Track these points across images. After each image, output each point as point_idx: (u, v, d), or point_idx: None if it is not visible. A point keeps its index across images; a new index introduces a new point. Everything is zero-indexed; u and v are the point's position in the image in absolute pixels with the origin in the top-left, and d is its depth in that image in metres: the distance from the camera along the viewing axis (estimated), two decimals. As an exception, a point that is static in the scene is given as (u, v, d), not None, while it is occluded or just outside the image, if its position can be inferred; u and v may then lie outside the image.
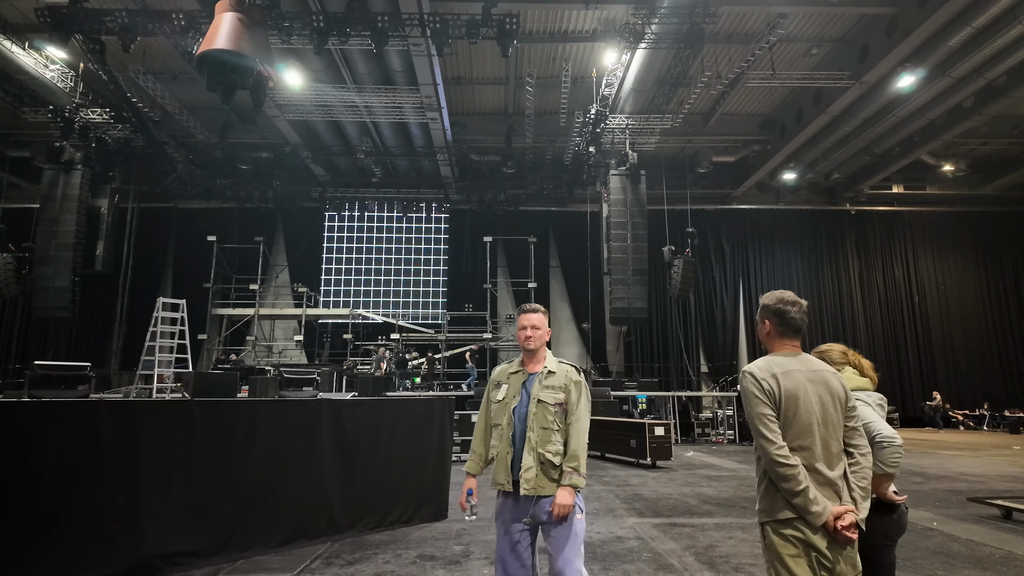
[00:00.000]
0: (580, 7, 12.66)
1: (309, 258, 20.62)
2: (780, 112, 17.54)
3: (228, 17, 8.74)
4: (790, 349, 2.31)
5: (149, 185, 19.26)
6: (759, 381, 2.17)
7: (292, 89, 14.53)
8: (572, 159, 18.01)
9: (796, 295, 2.34)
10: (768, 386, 2.16)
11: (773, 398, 2.15)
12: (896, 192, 21.68)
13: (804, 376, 2.20)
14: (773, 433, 2.10)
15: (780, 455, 2.07)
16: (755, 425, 2.14)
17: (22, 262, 15.97)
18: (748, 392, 2.19)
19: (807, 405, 2.14)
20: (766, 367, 2.22)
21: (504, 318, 20.21)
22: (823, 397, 2.17)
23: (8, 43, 12.62)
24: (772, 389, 2.16)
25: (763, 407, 2.14)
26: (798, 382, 2.18)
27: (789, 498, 2.06)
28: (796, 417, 2.13)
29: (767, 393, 2.16)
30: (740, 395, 2.25)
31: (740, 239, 21.23)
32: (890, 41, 12.84)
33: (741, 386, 2.25)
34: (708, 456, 12.49)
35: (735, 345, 20.42)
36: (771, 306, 2.33)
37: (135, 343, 18.81)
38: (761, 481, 2.19)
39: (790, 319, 2.28)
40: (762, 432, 2.11)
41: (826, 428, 2.15)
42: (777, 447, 2.08)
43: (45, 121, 15.33)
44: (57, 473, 4.16)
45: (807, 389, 2.17)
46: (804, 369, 2.22)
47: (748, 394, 2.19)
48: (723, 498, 7.54)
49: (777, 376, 2.18)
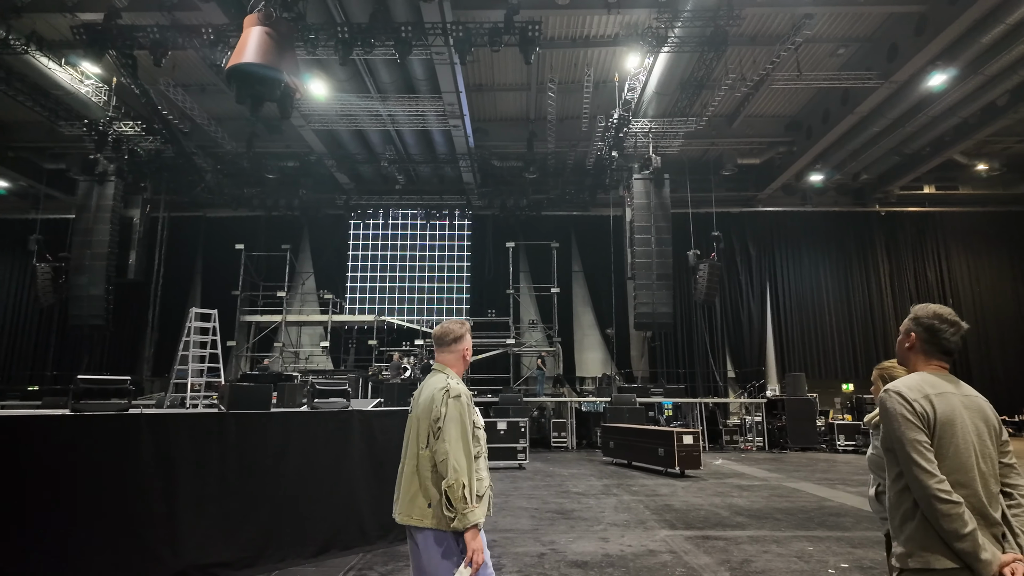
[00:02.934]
0: (602, 12, 12.60)
1: (334, 265, 20.83)
2: (806, 113, 17.26)
3: (256, 31, 8.86)
4: (938, 369, 2.01)
5: (179, 195, 19.66)
6: (910, 402, 1.88)
7: (317, 99, 14.71)
8: (594, 163, 17.93)
9: (954, 312, 2.05)
10: (921, 408, 1.87)
11: (927, 422, 1.86)
12: (927, 192, 21.17)
13: (959, 400, 1.91)
14: (931, 463, 1.80)
15: (943, 490, 1.77)
16: (907, 452, 1.83)
17: (58, 271, 16.41)
18: (895, 414, 1.88)
19: (964, 434, 1.86)
20: (916, 386, 1.92)
21: (527, 323, 20.18)
22: (979, 426, 1.89)
23: (46, 60, 12.99)
24: (926, 412, 1.87)
25: (916, 432, 1.84)
26: (954, 407, 1.89)
27: (952, 542, 1.76)
28: (954, 448, 1.84)
29: (920, 416, 1.86)
30: (881, 416, 1.95)
31: (766, 242, 20.91)
32: (920, 39, 12.55)
33: (884, 407, 1.93)
34: (737, 464, 12.30)
35: (762, 350, 20.10)
36: (923, 320, 2.04)
37: (166, 350, 19.23)
38: (906, 520, 1.87)
39: (943, 340, 2.01)
40: (916, 461, 1.81)
41: (984, 463, 1.86)
42: (938, 480, 1.78)
43: (80, 134, 15.74)
44: (99, 483, 4.24)
45: (963, 416, 1.88)
46: (958, 392, 1.94)
47: (895, 416, 1.88)
48: (755, 509, 7.40)
49: (931, 398, 1.89)
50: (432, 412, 2.51)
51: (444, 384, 2.58)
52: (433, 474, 2.48)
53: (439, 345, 2.75)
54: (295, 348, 19.96)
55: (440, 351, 2.75)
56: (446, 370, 2.69)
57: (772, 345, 20.16)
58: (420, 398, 2.62)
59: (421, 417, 2.56)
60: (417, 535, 2.48)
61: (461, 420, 2.49)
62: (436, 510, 2.44)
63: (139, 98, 14.35)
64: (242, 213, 20.28)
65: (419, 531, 2.47)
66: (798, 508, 7.50)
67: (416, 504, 2.47)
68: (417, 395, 2.68)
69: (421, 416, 2.56)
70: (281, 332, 19.57)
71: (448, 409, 2.49)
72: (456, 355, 2.74)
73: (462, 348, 2.76)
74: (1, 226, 20.80)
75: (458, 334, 2.74)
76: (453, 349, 2.74)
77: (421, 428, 2.54)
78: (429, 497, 2.47)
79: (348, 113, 15.54)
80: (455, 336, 2.74)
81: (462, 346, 2.76)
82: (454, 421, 2.47)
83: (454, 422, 2.47)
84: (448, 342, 2.73)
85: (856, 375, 19.56)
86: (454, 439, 2.45)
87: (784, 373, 18.85)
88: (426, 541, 2.46)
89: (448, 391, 2.52)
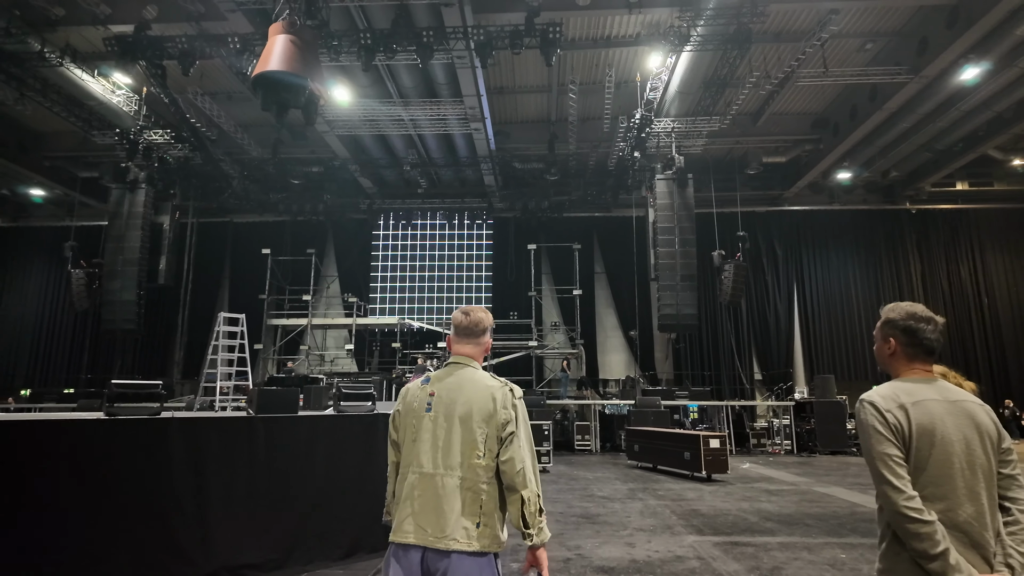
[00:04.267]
0: (623, 12, 12.52)
1: (358, 268, 21.04)
2: (833, 110, 16.93)
3: (281, 39, 9.00)
4: (921, 373, 1.91)
5: (207, 201, 20.06)
6: (881, 413, 1.80)
7: (341, 105, 14.88)
8: (616, 164, 17.83)
9: (927, 308, 1.96)
10: (894, 419, 1.79)
11: (900, 434, 1.78)
12: (960, 189, 20.60)
13: (941, 407, 1.81)
14: (900, 479, 1.73)
15: (910, 507, 1.69)
16: (876, 468, 1.77)
17: (92, 277, 16.82)
18: (867, 426, 1.81)
19: (945, 444, 1.76)
20: (890, 395, 1.84)
21: (549, 325, 20.14)
22: (967, 434, 1.78)
23: (79, 72, 13.35)
24: (899, 423, 1.78)
25: (887, 445, 1.76)
26: (933, 414, 1.79)
27: (922, 562, 1.68)
28: (931, 458, 1.75)
29: (892, 428, 1.78)
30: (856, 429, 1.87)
31: (793, 241, 20.56)
32: (951, 33, 12.22)
33: (858, 418, 1.87)
34: (765, 468, 12.10)
35: (790, 352, 19.76)
36: (898, 321, 1.94)
37: (196, 353, 19.62)
38: (883, 537, 1.82)
39: (923, 339, 1.90)
40: (886, 477, 1.73)
41: (972, 473, 1.75)
42: (906, 497, 1.70)
43: (112, 143, 16.17)
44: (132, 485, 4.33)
45: (945, 423, 1.78)
46: (940, 398, 1.83)
47: (867, 429, 1.81)
48: (785, 514, 7.27)
49: (906, 407, 1.80)
50: (497, 415, 2.13)
51: (501, 382, 2.22)
52: (490, 487, 2.11)
53: (466, 335, 2.33)
54: (320, 351, 20.20)
55: (465, 342, 2.33)
56: (474, 363, 2.31)
57: (800, 346, 19.80)
58: (459, 397, 2.18)
59: (469, 419, 2.13)
60: (444, 560, 2.04)
61: (527, 425, 2.19)
62: (488, 529, 2.07)
63: (168, 107, 14.69)
64: (268, 218, 20.62)
65: (453, 556, 2.04)
66: (829, 514, 7.34)
67: (461, 525, 2.05)
68: (443, 392, 2.21)
69: (470, 418, 2.13)
70: (307, 335, 19.82)
71: (518, 412, 2.17)
72: (482, 348, 2.36)
73: (488, 341, 2.38)
74: (38, 233, 21.46)
75: (487, 324, 2.36)
76: (481, 341, 2.35)
77: (474, 433, 2.12)
78: (481, 515, 2.08)
79: (371, 118, 15.69)
80: (485, 326, 2.35)
81: (488, 339, 2.38)
82: (525, 425, 2.17)
83: (525, 426, 2.17)
84: (478, 332, 2.34)
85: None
86: (526, 446, 2.14)
87: (812, 375, 18.50)
88: (465, 567, 2.03)
89: (512, 390, 2.20)
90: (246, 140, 17.27)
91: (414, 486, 2.13)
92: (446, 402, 2.19)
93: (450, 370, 2.29)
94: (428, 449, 2.15)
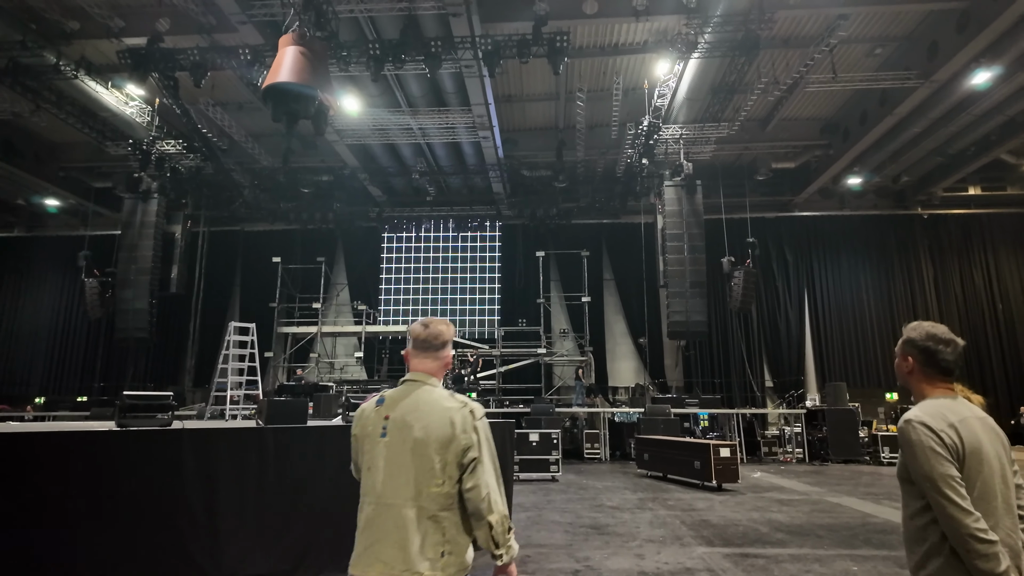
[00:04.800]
0: (631, 20, 12.55)
1: (368, 276, 21.15)
2: (843, 115, 16.86)
3: (291, 51, 9.10)
4: (945, 391, 1.93)
5: (218, 210, 20.26)
6: (937, 433, 1.77)
7: (350, 115, 15.01)
8: (624, 171, 17.83)
9: (948, 330, 1.97)
10: (950, 439, 1.78)
11: (957, 454, 1.77)
12: (973, 194, 20.40)
13: (978, 424, 1.84)
14: (965, 500, 1.72)
15: (978, 528, 1.69)
16: (939, 488, 1.73)
17: (105, 286, 17.02)
18: (923, 447, 1.78)
19: (989, 461, 1.79)
20: (938, 414, 1.83)
21: (558, 333, 20.11)
22: (998, 450, 1.83)
23: (93, 83, 13.58)
24: (955, 443, 1.78)
25: (948, 466, 1.74)
26: (977, 433, 1.81)
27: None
28: (980, 477, 1.77)
29: (949, 448, 1.77)
30: (903, 448, 1.85)
31: (803, 247, 20.43)
32: (962, 37, 12.14)
33: (907, 439, 1.82)
34: (776, 477, 12.00)
35: (801, 359, 19.59)
36: (917, 342, 1.96)
37: (207, 361, 19.76)
38: (931, 556, 1.79)
39: (941, 361, 1.93)
40: (951, 498, 1.71)
41: (1006, 488, 1.81)
42: (974, 518, 1.70)
43: (125, 154, 16.40)
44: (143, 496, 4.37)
45: (983, 441, 1.81)
46: (973, 415, 1.85)
47: (924, 450, 1.77)
48: (796, 525, 7.20)
49: (955, 426, 1.80)
50: (457, 440, 2.01)
51: (460, 401, 2.08)
52: (451, 513, 2.00)
53: (424, 349, 2.17)
54: (330, 358, 20.29)
55: (423, 356, 2.17)
56: (432, 380, 2.16)
57: (811, 353, 19.64)
58: (415, 422, 2.03)
59: (426, 445, 2.00)
60: None
61: (491, 444, 2.09)
62: (453, 557, 1.98)
63: (180, 117, 14.89)
64: (279, 227, 20.79)
65: None
66: (841, 524, 7.26)
67: (425, 557, 1.94)
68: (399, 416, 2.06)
69: (427, 445, 2.00)
70: (317, 343, 19.92)
71: (480, 435, 2.05)
72: (442, 363, 2.21)
73: (449, 355, 2.24)
74: (53, 243, 21.74)
75: (446, 337, 2.21)
76: (440, 356, 2.20)
77: (431, 461, 1.99)
78: (445, 543, 1.97)
79: (380, 127, 15.82)
80: (444, 340, 2.20)
81: (449, 352, 2.24)
82: (488, 447, 2.07)
83: (488, 448, 2.07)
84: (437, 346, 2.18)
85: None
86: (490, 470, 2.04)
87: (824, 382, 18.33)
88: None
89: (473, 411, 2.07)
90: (257, 150, 17.45)
91: (372, 518, 2.01)
92: (401, 426, 2.04)
93: (406, 389, 2.14)
94: (385, 478, 2.02)
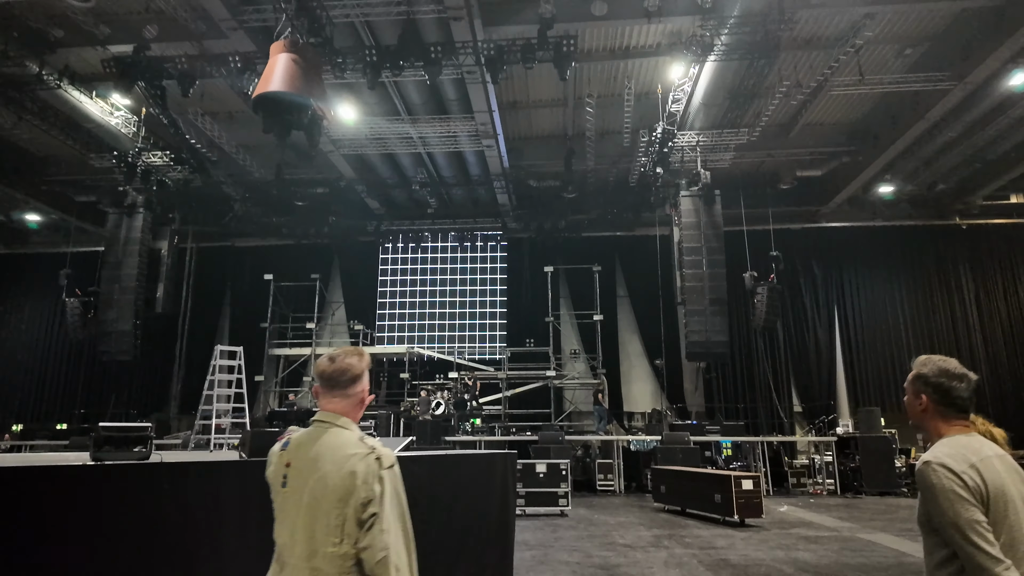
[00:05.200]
0: (643, 22, 12.66)
1: (365, 294, 21.27)
2: (871, 120, 16.84)
3: (283, 58, 9.26)
4: (962, 429, 1.94)
5: (207, 225, 20.50)
6: (959, 476, 1.77)
7: (346, 124, 15.19)
8: (638, 181, 17.88)
9: (960, 364, 1.99)
10: (974, 482, 1.77)
11: (981, 497, 1.76)
12: (1016, 202, 20.29)
13: (999, 464, 1.83)
14: (993, 546, 1.71)
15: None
16: (966, 535, 1.72)
17: (88, 306, 17.22)
18: (946, 491, 1.77)
19: (1013, 502, 1.78)
20: (959, 455, 1.83)
21: (568, 353, 20.03)
22: (1020, 489, 1.82)
23: (77, 93, 13.85)
24: (977, 485, 1.77)
25: (973, 511, 1.73)
26: (999, 473, 1.80)
27: None
28: (1007, 523, 1.76)
29: (972, 491, 1.76)
30: (923, 493, 1.86)
31: (833, 261, 20.32)
32: (998, 36, 12.18)
33: (927, 483, 1.83)
34: (804, 511, 11.84)
35: (832, 381, 19.41)
36: (930, 378, 1.98)
37: (193, 385, 19.80)
38: None
39: (956, 398, 1.94)
40: (980, 545, 1.71)
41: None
42: (1005, 567, 1.69)
43: (110, 166, 16.65)
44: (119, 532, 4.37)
45: (1005, 481, 1.80)
46: (994, 454, 1.85)
47: (947, 494, 1.77)
48: (823, 565, 7.10)
49: (977, 467, 1.79)
50: (357, 492, 1.85)
51: (368, 448, 1.93)
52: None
53: (331, 387, 2.05)
54: (324, 382, 20.31)
55: (331, 395, 2.05)
56: (343, 421, 2.02)
57: (843, 375, 19.45)
58: (315, 471, 1.91)
59: (323, 498, 1.86)
60: None
61: (399, 499, 1.94)
62: None
63: (167, 128, 15.12)
64: (271, 242, 20.98)
65: None
66: (873, 564, 7.15)
67: None
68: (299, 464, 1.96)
69: (324, 497, 1.86)
70: (310, 365, 19.97)
71: (385, 487, 1.89)
72: (354, 401, 2.08)
73: (361, 390, 2.10)
74: (33, 261, 22.05)
75: (357, 371, 2.07)
76: (351, 393, 2.07)
77: (329, 516, 1.85)
78: None
79: (378, 136, 15.98)
80: (354, 375, 2.06)
81: (361, 388, 2.10)
82: (393, 501, 1.90)
83: (393, 502, 1.90)
84: (344, 383, 2.05)
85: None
86: (395, 528, 1.88)
87: (857, 407, 18.12)
88: None
89: (380, 458, 1.92)
90: (248, 161, 17.66)
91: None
92: (302, 475, 1.94)
93: (312, 433, 2.02)
94: (285, 532, 1.93)
